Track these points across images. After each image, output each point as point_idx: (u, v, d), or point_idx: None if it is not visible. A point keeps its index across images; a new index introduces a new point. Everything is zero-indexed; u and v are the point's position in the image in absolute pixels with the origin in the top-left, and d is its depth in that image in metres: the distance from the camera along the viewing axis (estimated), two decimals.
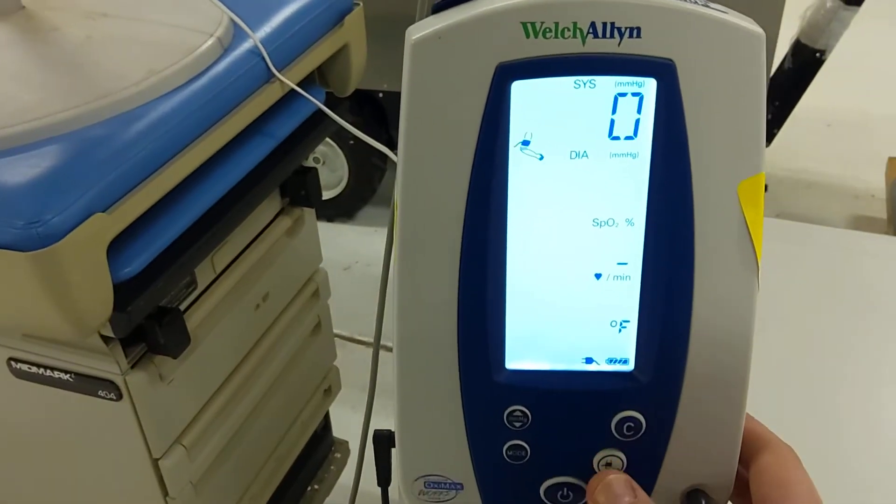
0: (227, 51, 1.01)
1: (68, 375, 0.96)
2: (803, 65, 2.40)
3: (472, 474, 0.47)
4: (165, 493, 1.05)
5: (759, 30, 0.39)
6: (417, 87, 0.40)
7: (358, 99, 2.44)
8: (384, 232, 2.56)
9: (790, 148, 2.92)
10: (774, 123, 2.48)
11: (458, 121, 0.40)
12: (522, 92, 0.40)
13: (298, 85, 1.07)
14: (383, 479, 0.64)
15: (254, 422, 1.21)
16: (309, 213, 1.27)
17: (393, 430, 0.51)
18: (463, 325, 0.43)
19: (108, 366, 0.93)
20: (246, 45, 1.02)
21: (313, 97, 1.10)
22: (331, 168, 2.54)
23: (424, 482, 0.48)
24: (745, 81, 0.39)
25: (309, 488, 1.49)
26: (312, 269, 1.32)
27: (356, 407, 1.90)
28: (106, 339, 0.91)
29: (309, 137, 1.16)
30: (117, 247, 0.83)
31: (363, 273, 2.42)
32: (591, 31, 0.38)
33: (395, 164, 0.43)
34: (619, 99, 0.40)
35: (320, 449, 1.52)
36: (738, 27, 0.39)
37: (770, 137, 2.50)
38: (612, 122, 0.40)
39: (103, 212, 0.79)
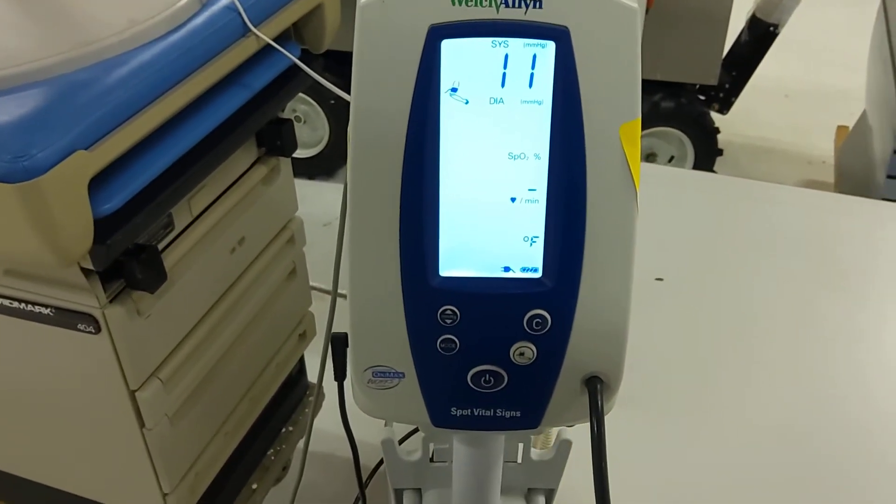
0: (205, 6, 1.05)
1: (48, 310, 1.00)
2: (758, 38, 2.52)
3: (411, 364, 0.56)
4: (142, 425, 1.09)
5: (634, 5, 0.48)
6: (365, 42, 0.48)
7: (337, 59, 2.47)
8: None
9: (750, 116, 3.07)
10: (732, 92, 2.60)
11: (398, 71, 0.48)
12: (450, 49, 0.48)
13: (274, 40, 1.12)
14: (340, 374, 0.75)
15: (229, 361, 1.25)
16: (285, 162, 1.31)
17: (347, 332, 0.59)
18: (404, 240, 0.52)
19: (88, 300, 0.98)
20: (223, 1, 1.07)
21: (288, 52, 1.15)
22: (312, 127, 2.58)
23: (372, 372, 0.57)
24: (623, 44, 0.48)
25: (283, 429, 1.54)
26: (288, 217, 1.36)
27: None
28: (86, 273, 0.95)
29: (283, 90, 1.21)
30: (98, 184, 0.88)
31: None
32: (503, 1, 0.47)
33: None
34: (527, 56, 0.49)
35: (295, 392, 1.57)
36: (618, 2, 0.48)
37: (727, 105, 2.62)
38: (522, 74, 0.49)
39: (85, 149, 0.84)
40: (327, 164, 2.70)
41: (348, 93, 0.51)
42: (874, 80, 2.33)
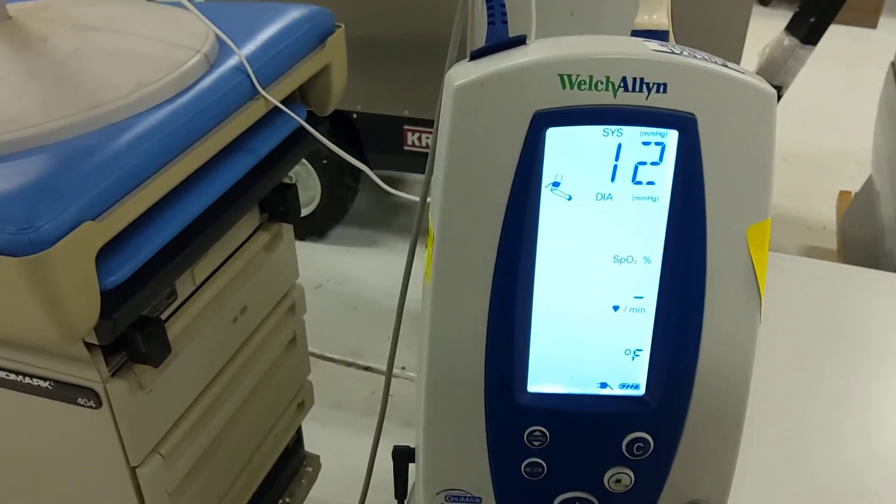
0: (213, 67, 1.03)
1: (47, 383, 0.96)
2: None
3: (490, 489, 0.49)
4: (142, 502, 1.05)
5: (771, 89, 0.42)
6: (458, 128, 0.42)
7: (332, 119, 2.46)
8: (356, 251, 2.57)
9: None
10: None
11: (495, 161, 0.43)
12: (556, 138, 0.43)
13: (281, 103, 1.10)
14: (400, 493, 0.66)
15: (229, 433, 1.21)
16: (287, 228, 1.29)
17: (412, 446, 0.54)
18: (490, 350, 0.46)
19: (89, 373, 0.94)
20: (231, 62, 1.04)
21: (296, 115, 1.13)
22: (303, 187, 2.55)
23: (445, 496, 0.50)
24: (757, 135, 0.43)
25: (280, 501, 1.50)
26: (289, 285, 1.33)
27: (326, 423, 1.92)
28: (88, 347, 0.91)
29: (289, 155, 1.18)
30: (104, 256, 0.85)
31: (334, 291, 2.43)
32: (622, 84, 0.41)
33: (367, 184, 0.46)
34: (644, 147, 0.43)
35: (292, 463, 1.53)
36: (753, 86, 0.42)
37: None
38: (636, 168, 0.44)
39: (93, 220, 0.81)
40: (319, 225, 2.66)
41: (352, 152, 0.45)
42: (882, 145, 2.30)
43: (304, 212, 2.60)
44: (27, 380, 0.97)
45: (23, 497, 1.16)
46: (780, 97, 2.46)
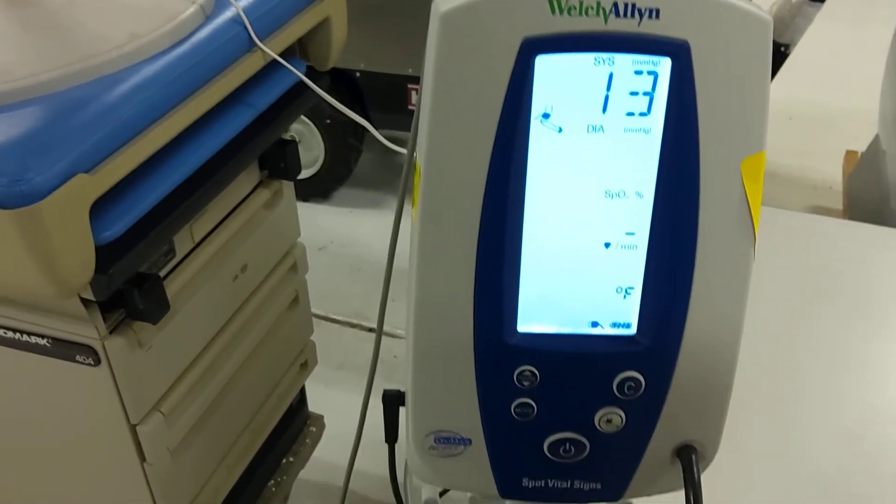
0: (209, 18, 1.01)
1: (45, 340, 0.96)
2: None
3: (480, 430, 0.48)
4: (143, 459, 1.05)
5: (768, 16, 0.40)
6: (444, 57, 0.40)
7: (335, 78, 2.43)
8: (360, 213, 2.56)
9: None
10: None
11: (482, 92, 0.40)
12: (546, 66, 0.40)
13: (279, 56, 1.08)
14: (391, 436, 0.65)
15: (231, 392, 1.21)
16: (287, 186, 1.27)
17: (402, 390, 0.52)
18: (479, 289, 0.44)
19: (87, 330, 0.93)
20: (228, 14, 1.02)
21: (294, 68, 1.10)
22: (306, 147, 2.53)
23: (435, 438, 0.49)
24: (752, 64, 0.40)
25: (284, 460, 1.50)
26: (290, 243, 1.32)
27: (329, 383, 1.92)
28: (85, 304, 0.90)
29: (288, 110, 1.16)
30: (98, 210, 0.83)
31: (338, 253, 2.42)
32: (613, 10, 0.39)
33: (371, 145, 0.44)
34: (636, 76, 0.41)
35: (296, 422, 1.53)
36: (749, 13, 0.40)
37: None
38: (628, 98, 0.41)
39: (86, 173, 0.79)
40: (322, 186, 2.64)
41: (355, 112, 0.43)
42: (889, 104, 2.27)
43: (308, 173, 2.58)
44: (25, 337, 0.97)
45: (24, 457, 1.17)
46: (787, 55, 2.43)
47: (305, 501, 1.69)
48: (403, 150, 0.92)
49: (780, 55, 2.43)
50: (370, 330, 2.13)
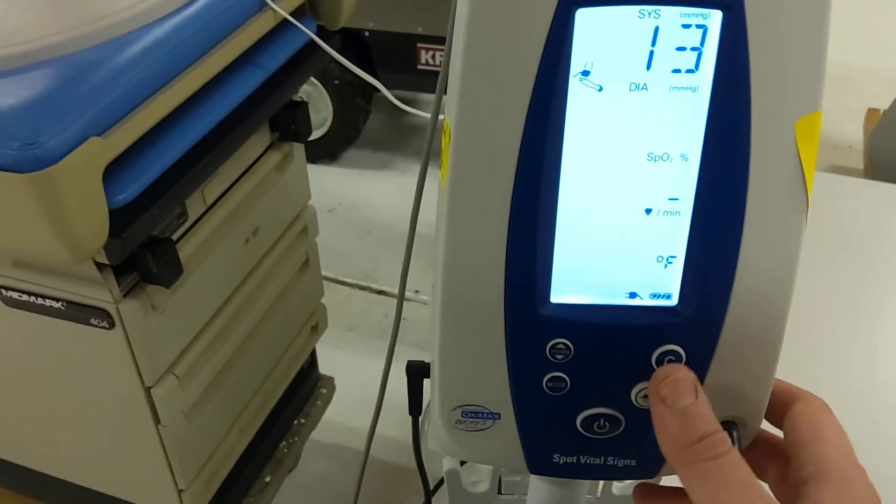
0: None
1: (60, 303, 0.96)
2: None
3: (510, 404, 0.47)
4: (157, 422, 1.05)
5: None
6: (477, 11, 0.38)
7: (343, 37, 2.41)
8: (368, 174, 2.54)
9: None
10: None
11: (518, 48, 0.38)
12: (586, 20, 0.38)
13: (290, 15, 1.06)
14: (415, 408, 0.63)
15: (243, 354, 1.21)
16: (298, 148, 1.26)
17: (426, 361, 0.50)
18: (511, 257, 0.42)
19: (101, 294, 0.93)
20: None
21: (305, 27, 1.09)
22: (315, 108, 2.51)
23: (462, 412, 0.47)
24: (809, 17, 0.38)
25: (295, 422, 1.51)
26: (301, 206, 1.31)
27: (340, 345, 1.92)
28: (99, 267, 0.90)
29: (299, 70, 1.15)
30: (111, 173, 0.83)
31: (347, 215, 2.41)
32: None
33: (379, 105, 0.41)
34: (684, 30, 0.39)
35: (306, 384, 1.54)
36: None
37: None
38: (675, 53, 0.39)
39: (99, 136, 0.79)
40: (331, 147, 2.62)
41: (365, 71, 0.41)
42: None
43: (316, 134, 2.56)
44: (40, 300, 0.97)
45: (39, 419, 1.17)
46: None
47: (317, 462, 1.70)
48: (414, 111, 0.91)
49: None
50: (379, 292, 2.13)
